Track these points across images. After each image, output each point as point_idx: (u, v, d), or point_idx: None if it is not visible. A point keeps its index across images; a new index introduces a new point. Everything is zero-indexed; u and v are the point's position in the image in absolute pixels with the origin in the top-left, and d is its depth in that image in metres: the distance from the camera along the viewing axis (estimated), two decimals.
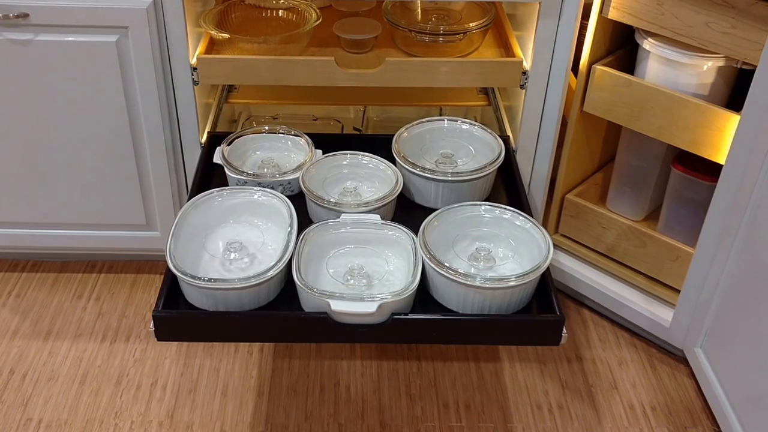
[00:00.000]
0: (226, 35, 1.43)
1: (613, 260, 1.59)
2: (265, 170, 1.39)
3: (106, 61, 1.36)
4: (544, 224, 1.64)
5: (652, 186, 1.55)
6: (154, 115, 1.43)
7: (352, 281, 1.17)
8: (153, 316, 1.09)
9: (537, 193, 1.58)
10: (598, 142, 1.62)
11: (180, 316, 1.11)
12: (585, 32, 1.43)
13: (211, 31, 1.44)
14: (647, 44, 1.37)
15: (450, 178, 1.32)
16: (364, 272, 1.18)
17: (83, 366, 1.48)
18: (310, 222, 1.31)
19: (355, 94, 1.65)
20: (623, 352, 1.58)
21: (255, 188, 1.28)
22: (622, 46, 1.48)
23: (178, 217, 1.20)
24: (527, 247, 1.21)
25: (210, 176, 1.42)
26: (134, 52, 1.35)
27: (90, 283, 1.67)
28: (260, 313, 1.13)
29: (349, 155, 1.38)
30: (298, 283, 1.10)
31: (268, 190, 1.28)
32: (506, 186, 1.43)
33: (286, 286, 1.16)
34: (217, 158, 1.39)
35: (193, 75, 1.41)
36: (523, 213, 1.23)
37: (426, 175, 1.32)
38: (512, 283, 1.10)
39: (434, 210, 1.33)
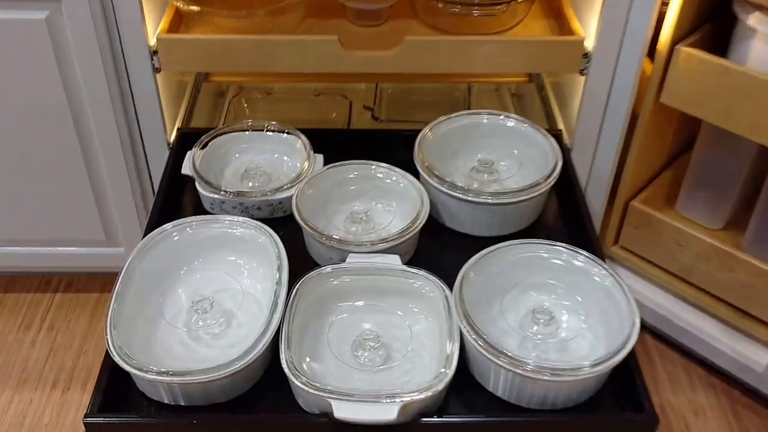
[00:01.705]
0: (196, 7, 1.09)
1: (689, 284, 1.27)
2: (250, 184, 1.07)
3: (34, 43, 1.02)
4: (602, 234, 1.32)
5: (737, 191, 1.22)
6: (103, 111, 1.10)
7: (363, 356, 0.86)
8: (84, 423, 0.79)
9: (595, 199, 1.26)
10: (669, 136, 1.29)
11: (119, 424, 0.80)
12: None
13: (176, 2, 1.10)
14: (753, 19, 1.02)
15: (491, 201, 0.99)
16: (379, 342, 0.87)
17: (27, 425, 1.19)
18: (308, 259, 0.99)
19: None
20: (699, 396, 1.27)
21: (229, 219, 0.96)
22: (708, 20, 1.13)
23: (121, 274, 0.88)
24: (601, 309, 0.89)
25: (181, 188, 1.10)
26: (71, 32, 1.02)
27: (42, 306, 1.37)
28: (230, 418, 0.82)
29: (357, 167, 1.05)
30: (288, 373, 0.80)
31: (249, 222, 0.95)
32: (559, 197, 1.11)
33: (273, 363, 0.85)
34: (186, 168, 1.06)
35: (153, 60, 1.07)
36: (600, 261, 0.91)
37: (459, 195, 1.00)
38: (584, 375, 0.79)
39: (470, 237, 1.02)
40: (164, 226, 0.94)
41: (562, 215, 1.09)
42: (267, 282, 0.92)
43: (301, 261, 0.98)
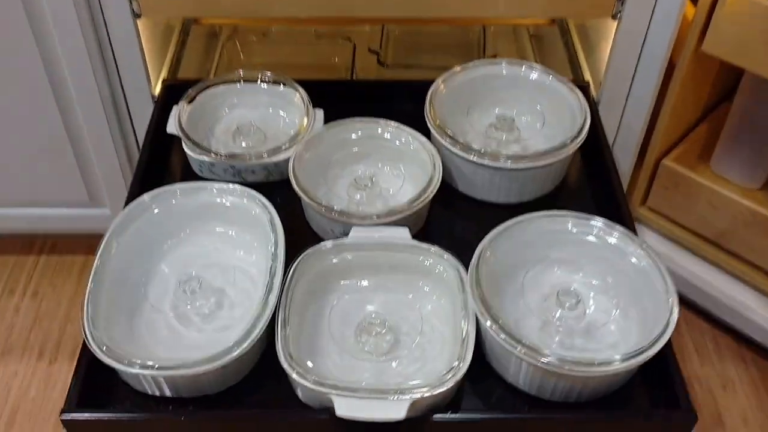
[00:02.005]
0: None
1: (723, 249, 1.17)
2: (243, 143, 0.96)
3: None
4: (629, 194, 1.21)
5: None
6: (79, 61, 0.99)
7: (368, 342, 0.77)
8: (62, 420, 0.71)
9: (623, 157, 1.15)
10: (707, 88, 1.17)
11: (101, 422, 0.72)
12: None
13: None
14: None
15: (511, 166, 0.89)
16: (386, 326, 0.78)
17: (12, 398, 1.11)
18: (307, 230, 0.90)
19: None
20: (727, 369, 1.19)
21: (218, 187, 0.86)
22: None
23: (99, 251, 0.79)
24: (635, 292, 0.79)
25: (168, 147, 1.00)
26: None
27: (26, 269, 1.28)
28: (222, 414, 0.74)
29: (361, 126, 0.94)
30: (285, 366, 0.71)
31: (241, 190, 0.85)
32: (585, 158, 1.00)
33: (270, 347, 0.75)
34: (171, 127, 0.96)
35: (131, 4, 0.95)
36: (636, 239, 0.80)
37: (475, 159, 0.89)
38: (614, 369, 0.70)
39: (487, 204, 0.92)
40: (143, 197, 0.83)
41: (588, 178, 0.99)
42: (261, 257, 0.83)
43: (299, 232, 0.89)
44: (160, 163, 0.98)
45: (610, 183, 0.93)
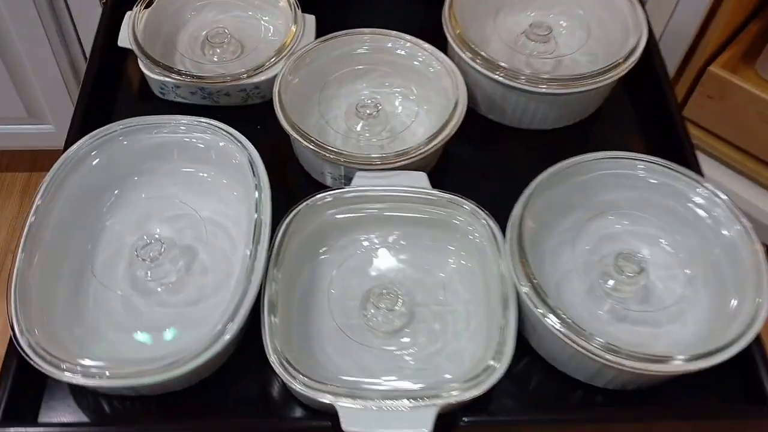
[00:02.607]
0: None
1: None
2: (216, 57, 0.78)
3: None
4: None
5: None
6: None
7: (377, 316, 0.62)
8: None
9: (667, 59, 0.97)
10: None
11: None
12: None
13: None
14: None
15: (553, 91, 0.71)
16: (401, 300, 0.62)
17: None
18: (298, 169, 0.73)
19: None
20: None
21: (184, 124, 0.67)
22: None
23: (29, 215, 0.61)
24: (713, 264, 0.63)
25: (121, 59, 0.81)
26: None
27: None
28: (196, 424, 0.59)
29: (367, 38, 0.75)
30: (276, 366, 0.55)
31: (210, 126, 0.67)
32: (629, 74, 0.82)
33: (253, 326, 0.60)
34: (123, 40, 0.76)
35: None
36: (726, 199, 0.63)
37: (507, 81, 0.71)
38: (678, 369, 0.56)
39: (516, 132, 0.76)
40: (82, 141, 0.65)
41: (635, 103, 0.81)
42: (241, 207, 0.66)
43: (288, 172, 0.72)
44: (112, 81, 0.79)
45: (670, 121, 0.75)
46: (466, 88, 0.70)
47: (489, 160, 0.75)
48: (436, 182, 0.65)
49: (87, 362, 0.54)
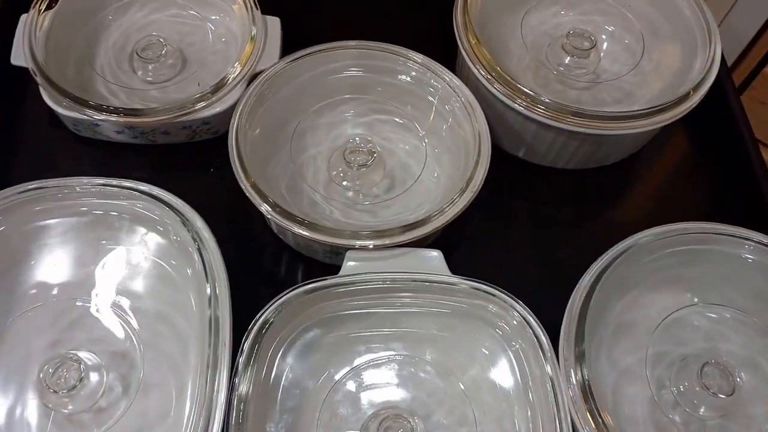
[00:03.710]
0: None
1: None
2: (150, 75, 0.58)
3: None
4: None
5: None
6: None
7: None
8: None
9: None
10: None
11: None
12: None
13: None
14: None
15: (592, 131, 0.52)
16: (411, 424, 0.45)
17: None
18: (269, 241, 0.54)
19: None
20: None
21: (99, 186, 0.48)
22: None
23: None
24: None
25: (21, 81, 0.60)
26: None
27: None
28: None
29: (355, 54, 0.55)
30: None
31: (137, 188, 0.48)
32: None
33: None
34: (17, 57, 0.55)
35: None
36: None
37: (531, 115, 0.52)
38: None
39: (540, 170, 0.59)
40: None
41: (695, 150, 0.63)
42: (187, 299, 0.47)
43: (254, 229, 0.53)
44: (10, 111, 0.59)
45: (750, 175, 0.58)
46: (483, 114, 0.51)
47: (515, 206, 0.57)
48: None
49: None
